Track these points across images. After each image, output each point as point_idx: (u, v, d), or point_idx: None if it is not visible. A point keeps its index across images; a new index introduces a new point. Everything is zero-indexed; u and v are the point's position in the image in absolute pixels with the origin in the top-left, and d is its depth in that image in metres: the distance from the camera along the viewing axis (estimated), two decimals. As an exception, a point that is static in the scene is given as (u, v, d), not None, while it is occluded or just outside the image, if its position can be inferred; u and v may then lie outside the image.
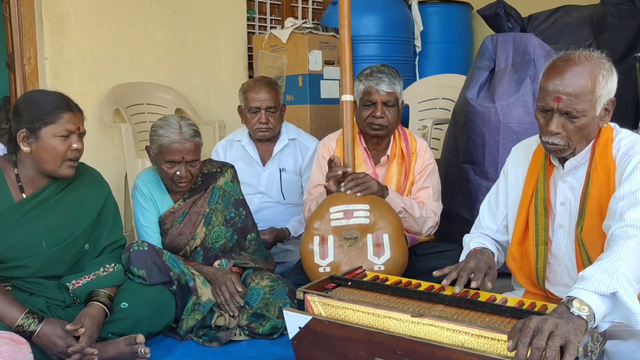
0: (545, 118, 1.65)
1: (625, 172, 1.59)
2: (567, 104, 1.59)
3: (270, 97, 2.87)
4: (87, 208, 2.09)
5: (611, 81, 1.62)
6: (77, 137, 1.97)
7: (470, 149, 2.92)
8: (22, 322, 1.82)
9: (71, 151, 1.95)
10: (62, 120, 1.93)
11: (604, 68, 1.61)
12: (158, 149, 2.29)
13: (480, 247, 1.87)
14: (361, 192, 2.28)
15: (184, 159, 2.27)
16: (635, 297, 1.38)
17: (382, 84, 2.43)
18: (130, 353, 1.94)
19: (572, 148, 1.66)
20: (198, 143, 2.31)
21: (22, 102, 1.97)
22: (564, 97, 1.59)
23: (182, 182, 2.31)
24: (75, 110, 1.98)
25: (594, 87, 1.58)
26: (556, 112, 1.61)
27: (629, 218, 1.48)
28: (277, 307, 2.22)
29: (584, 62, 1.60)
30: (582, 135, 1.64)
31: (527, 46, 2.85)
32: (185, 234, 2.39)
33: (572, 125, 1.61)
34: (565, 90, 1.58)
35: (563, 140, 1.64)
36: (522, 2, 3.83)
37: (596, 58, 1.62)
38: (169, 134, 2.26)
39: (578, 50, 1.64)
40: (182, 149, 2.25)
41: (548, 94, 1.62)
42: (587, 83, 1.58)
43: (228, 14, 4.25)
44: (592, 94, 1.59)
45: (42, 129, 1.91)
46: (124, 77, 3.77)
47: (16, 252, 1.95)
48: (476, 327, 1.42)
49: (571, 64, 1.60)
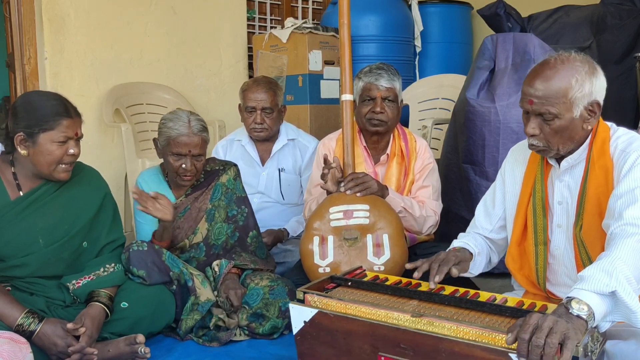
0: (526, 119, 1.70)
1: (623, 169, 1.59)
2: (538, 107, 1.63)
3: (267, 98, 2.87)
4: (85, 206, 2.09)
5: (590, 84, 1.61)
6: (74, 142, 1.97)
7: (470, 149, 2.92)
8: (22, 322, 1.82)
9: (67, 156, 1.96)
10: (60, 126, 1.92)
11: (579, 72, 1.61)
12: (166, 141, 2.30)
13: (460, 246, 1.89)
14: (361, 192, 2.28)
15: (191, 152, 2.29)
16: (635, 296, 1.38)
17: (381, 80, 2.44)
18: (130, 353, 1.94)
19: (553, 149, 1.68)
20: (205, 138, 2.34)
21: (20, 104, 1.96)
22: (535, 99, 1.63)
23: (187, 176, 2.33)
24: (74, 115, 1.98)
25: (566, 90, 1.60)
26: (532, 114, 1.66)
27: (627, 216, 1.48)
28: (277, 307, 2.23)
29: (558, 66, 1.62)
30: (561, 136, 1.65)
31: (527, 46, 2.86)
32: (183, 228, 2.40)
33: (549, 127, 1.64)
34: (536, 94, 1.63)
35: (542, 142, 1.67)
36: (522, 2, 3.83)
37: (573, 61, 1.63)
38: (177, 127, 2.28)
39: (559, 54, 1.66)
40: (189, 142, 2.28)
41: (524, 96, 1.67)
42: (558, 86, 1.61)
43: (228, 14, 4.26)
44: (565, 97, 1.61)
45: (40, 135, 1.91)
46: (124, 77, 3.77)
47: (13, 250, 1.95)
48: (476, 327, 1.42)
49: (545, 68, 1.64)
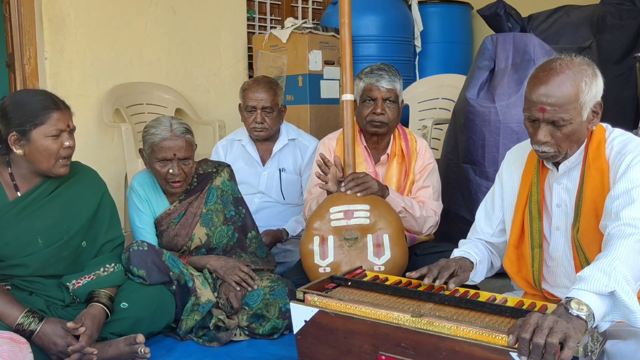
0: (533, 127, 1.67)
1: (619, 171, 1.59)
2: (552, 114, 1.60)
3: (268, 97, 2.87)
4: (83, 205, 2.09)
5: (595, 85, 1.61)
6: (67, 134, 1.97)
7: (470, 149, 2.92)
8: (22, 322, 1.82)
9: (64, 149, 1.96)
10: (51, 120, 1.92)
11: (586, 74, 1.60)
12: (150, 148, 2.29)
13: (460, 256, 1.87)
14: (361, 192, 2.28)
15: (176, 155, 2.26)
16: (634, 295, 1.38)
17: (382, 81, 2.44)
18: (130, 353, 1.94)
19: (562, 153, 1.67)
20: (189, 140, 2.31)
21: (9, 104, 1.95)
22: (548, 107, 1.59)
23: (176, 182, 2.30)
24: (63, 107, 1.98)
25: (577, 95, 1.59)
26: (542, 122, 1.63)
27: (624, 217, 1.49)
28: (277, 307, 2.23)
29: (566, 71, 1.60)
30: (571, 140, 1.65)
31: (527, 46, 2.85)
32: (181, 235, 2.39)
33: (560, 133, 1.62)
34: (549, 101, 1.59)
35: (553, 148, 1.65)
36: (522, 2, 3.83)
37: (578, 64, 1.62)
38: (159, 132, 2.27)
39: (560, 58, 1.64)
40: (173, 145, 2.26)
41: (533, 104, 1.63)
42: (570, 92, 1.58)
43: (228, 14, 4.25)
44: (577, 102, 1.59)
45: (32, 131, 1.91)
46: (124, 77, 3.77)
47: (13, 250, 1.95)
48: (476, 327, 1.42)
49: (553, 73, 1.60)
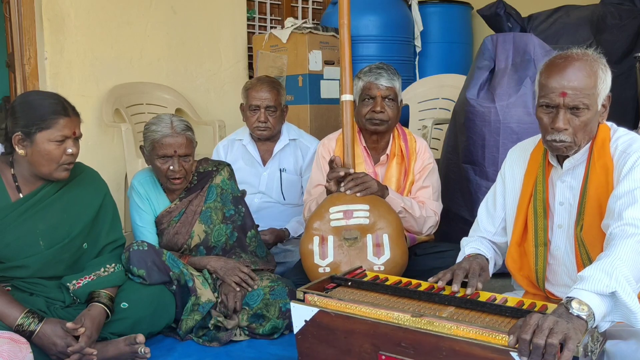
0: (549, 116, 1.66)
1: (624, 170, 1.59)
2: (573, 98, 1.60)
3: (271, 97, 2.87)
4: (85, 207, 2.09)
5: (608, 76, 1.66)
6: (72, 141, 1.96)
7: (470, 149, 2.92)
8: (22, 322, 1.82)
9: (66, 156, 1.95)
10: (58, 125, 1.92)
11: (601, 63, 1.65)
12: (151, 144, 2.30)
13: (474, 252, 1.87)
14: (361, 192, 2.28)
15: (177, 152, 2.28)
16: (635, 296, 1.38)
17: (381, 79, 2.45)
18: (130, 353, 1.94)
19: (577, 144, 1.67)
20: (190, 137, 2.32)
21: (19, 103, 1.95)
22: (569, 91, 1.60)
23: (177, 179, 2.32)
24: (72, 114, 1.97)
25: (595, 81, 1.62)
26: (562, 108, 1.62)
27: (627, 217, 1.49)
28: (277, 307, 2.23)
29: (583, 58, 1.64)
30: (585, 130, 1.65)
31: (527, 46, 2.85)
32: (182, 233, 2.39)
33: (578, 120, 1.63)
34: (571, 85, 1.61)
35: (570, 137, 1.64)
36: (522, 2, 3.83)
37: (592, 55, 1.66)
38: (160, 129, 2.28)
39: (575, 49, 1.67)
40: (173, 142, 2.27)
41: (552, 90, 1.63)
42: (589, 77, 1.62)
43: (228, 14, 4.25)
44: (595, 88, 1.62)
45: (37, 134, 1.90)
46: (124, 77, 3.77)
47: (14, 252, 1.95)
48: (476, 327, 1.42)
49: (571, 60, 1.64)
